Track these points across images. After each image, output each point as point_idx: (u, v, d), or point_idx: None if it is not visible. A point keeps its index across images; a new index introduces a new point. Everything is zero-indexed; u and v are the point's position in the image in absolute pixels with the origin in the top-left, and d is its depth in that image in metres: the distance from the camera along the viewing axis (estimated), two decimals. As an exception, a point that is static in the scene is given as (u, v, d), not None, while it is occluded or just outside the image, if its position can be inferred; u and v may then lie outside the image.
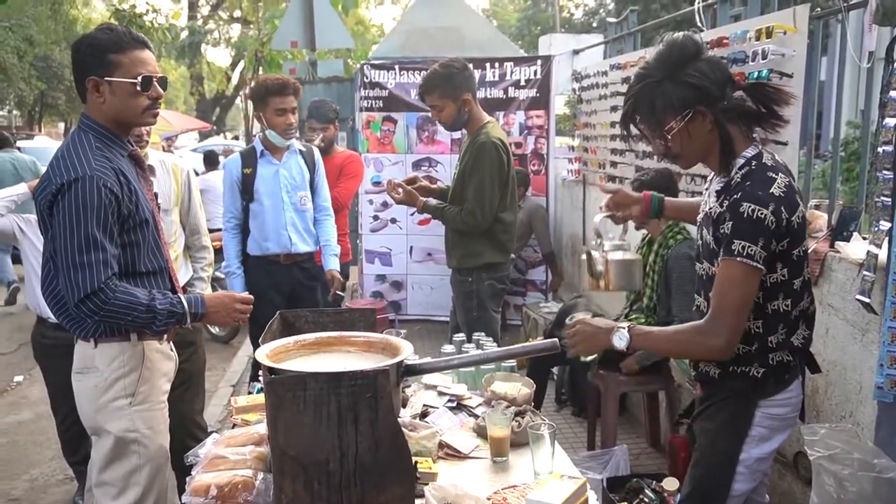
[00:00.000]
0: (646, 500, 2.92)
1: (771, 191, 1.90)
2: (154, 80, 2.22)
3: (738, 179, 1.97)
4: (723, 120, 1.96)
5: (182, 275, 3.21)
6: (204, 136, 27.00)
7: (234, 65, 27.64)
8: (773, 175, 1.93)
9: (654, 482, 2.99)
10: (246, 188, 3.83)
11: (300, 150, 3.97)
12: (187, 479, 1.92)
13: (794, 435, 3.11)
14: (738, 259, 1.88)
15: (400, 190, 3.80)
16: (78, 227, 2.06)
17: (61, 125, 33.50)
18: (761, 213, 1.87)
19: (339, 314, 2.22)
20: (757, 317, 2.01)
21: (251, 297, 2.41)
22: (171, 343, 2.49)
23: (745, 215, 1.88)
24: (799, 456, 3.05)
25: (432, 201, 3.85)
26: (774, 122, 2.01)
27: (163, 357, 2.41)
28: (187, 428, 3.24)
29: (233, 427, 2.34)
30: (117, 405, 2.28)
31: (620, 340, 2.02)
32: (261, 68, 12.68)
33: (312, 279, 4.01)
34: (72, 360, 2.38)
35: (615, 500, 2.94)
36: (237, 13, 28.64)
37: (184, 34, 23.07)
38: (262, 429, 2.14)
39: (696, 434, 2.19)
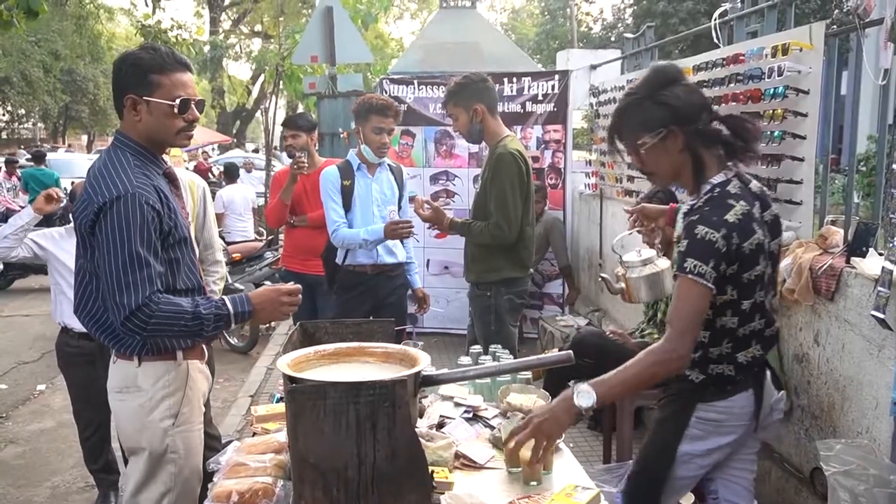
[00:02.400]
0: (661, 513, 2.92)
1: (725, 217, 2.03)
2: (192, 103, 2.24)
3: (700, 203, 2.11)
4: (695, 142, 2.09)
5: None
6: (224, 148, 27.29)
7: (254, 78, 27.94)
8: (733, 203, 2.06)
9: (670, 496, 3.00)
10: (345, 199, 3.96)
11: (390, 167, 4.11)
12: (209, 485, 1.96)
13: (810, 451, 3.11)
14: (690, 276, 2.00)
15: (427, 206, 3.87)
16: (122, 246, 2.05)
17: (84, 137, 34.00)
18: (713, 237, 2.00)
19: (358, 325, 2.25)
20: (706, 328, 2.14)
21: (298, 286, 2.30)
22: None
23: (699, 237, 2.01)
24: (815, 472, 3.04)
25: (458, 219, 3.92)
26: (748, 154, 2.13)
27: (203, 378, 2.42)
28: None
29: (253, 435, 2.39)
30: (162, 426, 2.25)
31: (587, 399, 2.01)
32: (281, 82, 12.81)
33: (399, 288, 4.15)
34: (94, 369, 2.40)
35: (630, 514, 2.95)
36: (258, 28, 29.01)
37: (206, 49, 23.39)
38: (282, 437, 2.18)
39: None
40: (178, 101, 2.20)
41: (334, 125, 7.13)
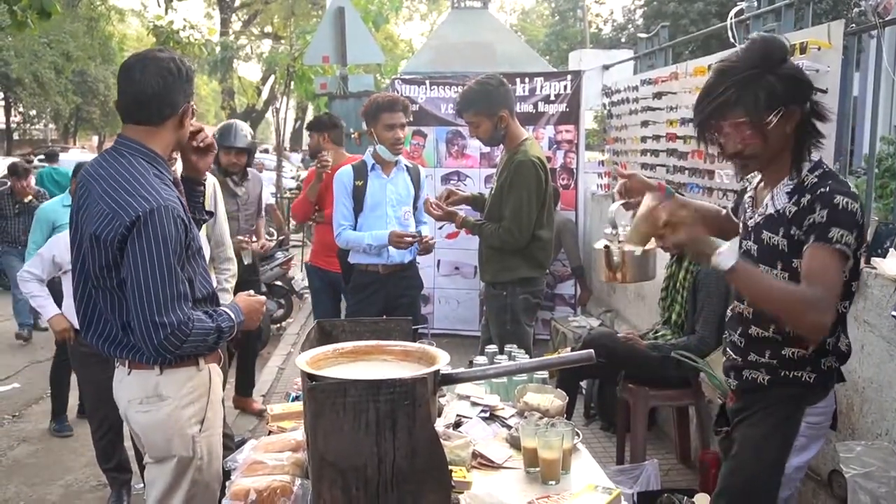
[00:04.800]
0: (677, 515, 2.90)
1: (853, 190, 1.94)
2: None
3: (815, 179, 1.96)
4: (807, 123, 1.98)
5: None
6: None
7: (264, 79, 27.98)
8: (844, 180, 1.99)
9: (686, 497, 2.98)
10: (357, 200, 3.99)
11: (407, 167, 4.12)
12: (227, 483, 1.95)
13: (828, 453, 3.08)
14: (837, 246, 1.84)
15: (437, 206, 3.87)
16: (159, 261, 1.99)
17: (95, 139, 34.15)
18: (853, 207, 1.88)
19: (375, 324, 2.25)
20: None
21: (262, 298, 2.41)
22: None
23: (840, 206, 1.86)
24: (833, 474, 3.01)
25: (470, 218, 3.92)
26: (819, 141, 2.04)
27: (220, 381, 2.41)
28: None
29: (268, 434, 2.38)
30: (190, 433, 2.22)
31: (726, 260, 1.86)
32: (292, 83, 12.84)
33: (412, 288, 4.16)
34: (106, 368, 2.36)
35: (646, 515, 2.93)
36: (268, 28, 29.05)
37: (217, 49, 23.45)
38: (299, 435, 2.18)
39: (735, 442, 2.14)
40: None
41: (346, 126, 7.13)
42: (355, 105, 7.67)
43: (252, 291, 2.44)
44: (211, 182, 3.45)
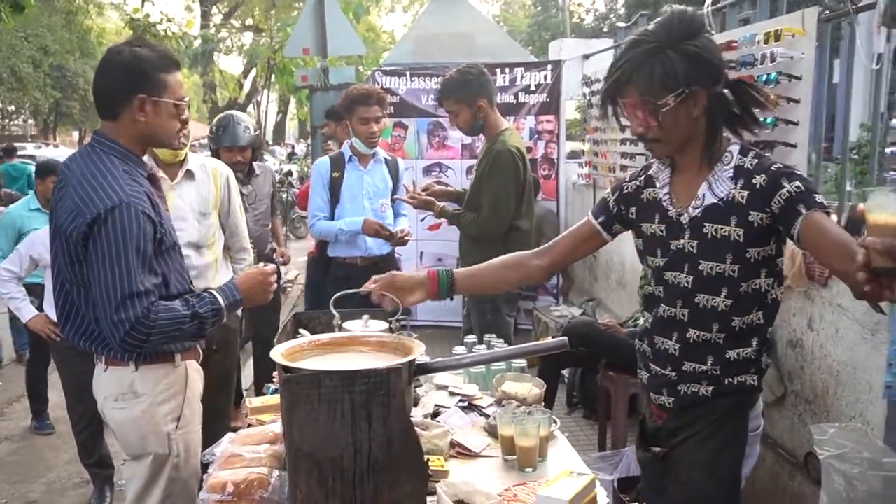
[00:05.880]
0: (657, 500, 2.93)
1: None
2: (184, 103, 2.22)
3: (755, 160, 1.80)
4: (716, 106, 1.80)
5: (223, 276, 3.21)
6: (216, 143, 27.13)
7: (246, 72, 27.84)
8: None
9: (665, 483, 3.00)
10: (333, 191, 3.99)
11: (385, 160, 4.12)
12: (204, 476, 1.95)
13: (805, 436, 3.13)
14: (826, 207, 1.70)
15: (414, 196, 3.88)
16: (118, 259, 1.97)
17: (76, 134, 33.82)
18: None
19: (351, 316, 2.25)
20: (759, 305, 1.84)
21: (274, 267, 2.33)
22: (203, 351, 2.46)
23: (807, 179, 1.74)
24: (809, 456, 3.05)
25: (449, 207, 3.92)
26: (751, 125, 1.88)
27: (199, 377, 2.39)
28: (223, 423, 3.24)
29: (248, 427, 2.38)
30: (166, 430, 2.21)
31: None
32: (273, 76, 12.78)
33: None
34: (85, 361, 2.35)
35: (626, 501, 2.95)
36: (249, 21, 28.88)
37: (196, 42, 23.26)
38: (277, 428, 2.18)
39: (679, 465, 1.93)
40: (186, 100, 2.18)
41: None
42: (336, 97, 7.64)
43: (262, 264, 2.37)
44: (224, 173, 3.35)
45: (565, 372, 4.91)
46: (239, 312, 3.44)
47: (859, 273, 1.30)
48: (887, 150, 2.51)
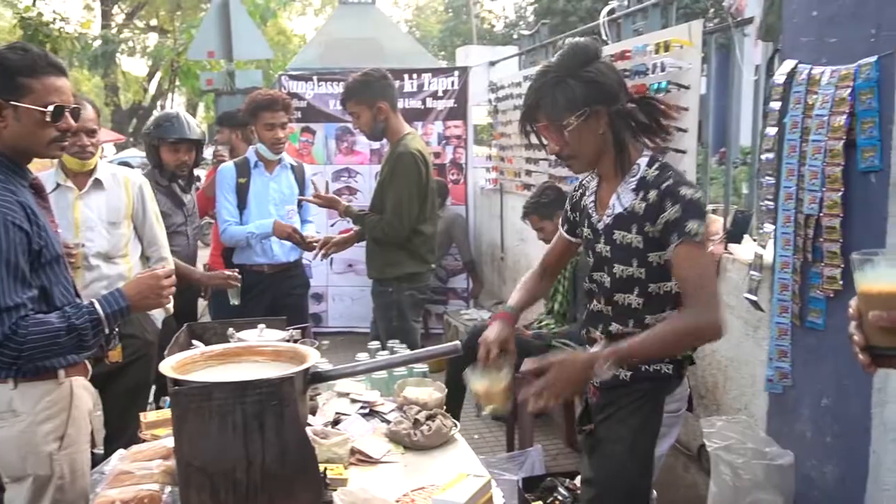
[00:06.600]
0: (559, 497, 3.00)
1: (690, 180, 2.01)
2: (66, 110, 2.07)
3: (656, 173, 1.99)
4: (618, 122, 2.01)
5: None
6: (120, 147, 26.16)
7: (150, 75, 26.91)
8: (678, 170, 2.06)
9: (568, 480, 3.08)
10: (240, 197, 3.92)
11: (291, 166, 4.06)
12: (90, 496, 1.88)
13: (697, 429, 3.27)
14: (697, 239, 1.89)
15: (318, 196, 3.88)
16: None
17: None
18: (698, 196, 1.93)
19: (248, 325, 2.21)
20: (672, 306, 2.04)
21: (172, 269, 2.23)
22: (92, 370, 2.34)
23: (689, 198, 1.91)
24: (702, 449, 3.19)
25: (353, 207, 3.92)
26: (662, 134, 2.09)
27: (87, 394, 2.28)
28: (134, 438, 3.09)
29: (141, 442, 2.30)
30: (47, 450, 2.11)
31: (603, 370, 1.87)
32: (177, 79, 12.41)
33: (298, 287, 4.13)
34: None
35: (530, 500, 3.01)
36: (153, 22, 27.95)
37: (97, 43, 22.33)
38: (170, 442, 2.12)
39: (602, 440, 2.15)
40: (51, 107, 2.02)
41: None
42: (242, 101, 7.50)
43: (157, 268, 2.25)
44: (137, 182, 3.21)
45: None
46: (158, 324, 3.33)
47: (860, 356, 1.21)
48: (762, 157, 2.66)
